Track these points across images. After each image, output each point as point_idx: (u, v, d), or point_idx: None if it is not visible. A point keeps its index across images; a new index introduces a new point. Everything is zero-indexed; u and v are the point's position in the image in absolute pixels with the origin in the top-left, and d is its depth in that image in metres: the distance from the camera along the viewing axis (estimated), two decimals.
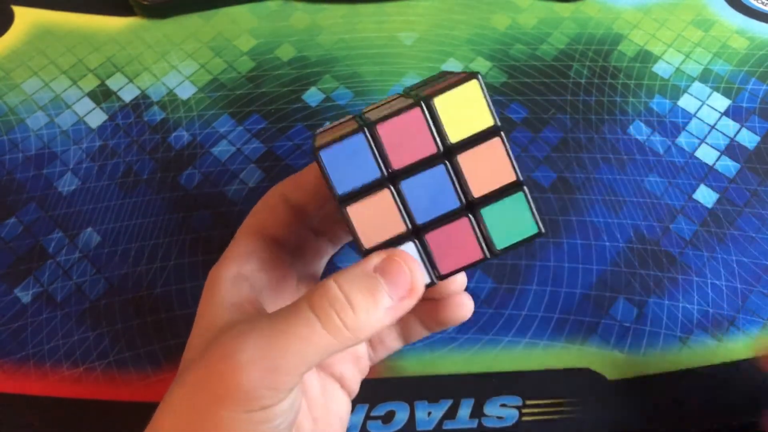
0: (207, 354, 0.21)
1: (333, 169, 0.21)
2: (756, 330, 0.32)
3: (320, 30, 0.41)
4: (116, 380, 0.31)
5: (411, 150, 0.21)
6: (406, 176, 0.22)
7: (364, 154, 0.21)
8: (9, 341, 0.31)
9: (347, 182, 0.21)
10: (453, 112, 0.21)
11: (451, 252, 0.22)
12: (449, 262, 0.22)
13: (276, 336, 0.20)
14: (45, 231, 0.34)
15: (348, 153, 0.21)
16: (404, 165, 0.21)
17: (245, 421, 0.20)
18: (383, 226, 0.22)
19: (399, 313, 0.21)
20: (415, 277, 0.21)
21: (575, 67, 0.40)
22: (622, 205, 0.35)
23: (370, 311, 0.21)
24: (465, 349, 0.32)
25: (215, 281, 0.25)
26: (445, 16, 0.42)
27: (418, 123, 0.21)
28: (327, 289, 0.21)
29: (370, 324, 0.21)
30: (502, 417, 0.30)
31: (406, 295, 0.21)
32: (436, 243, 0.22)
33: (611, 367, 0.31)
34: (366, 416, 0.30)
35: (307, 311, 0.20)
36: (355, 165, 0.21)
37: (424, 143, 0.21)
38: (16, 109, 0.38)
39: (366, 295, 0.21)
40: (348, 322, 0.20)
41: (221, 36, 0.41)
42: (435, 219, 0.22)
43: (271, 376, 0.20)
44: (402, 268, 0.21)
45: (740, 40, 0.41)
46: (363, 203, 0.21)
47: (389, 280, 0.21)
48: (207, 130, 0.37)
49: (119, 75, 0.39)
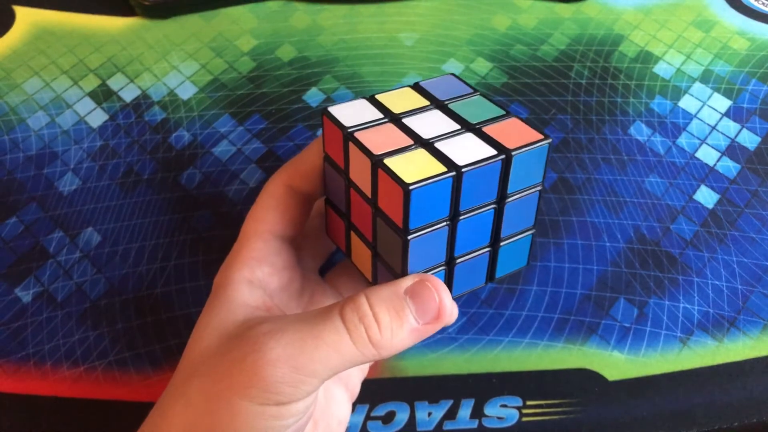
0: (232, 348, 0.22)
1: (415, 207, 0.21)
2: (756, 331, 0.32)
3: (321, 30, 0.41)
4: (117, 380, 0.31)
5: (478, 194, 0.22)
6: (464, 217, 0.22)
7: (445, 196, 0.21)
8: (9, 341, 0.31)
9: (420, 218, 0.21)
10: (519, 167, 0.22)
11: (464, 278, 0.24)
12: (460, 286, 0.24)
13: (306, 340, 0.21)
14: (45, 231, 0.34)
15: (433, 193, 0.21)
16: (468, 207, 0.22)
17: (258, 414, 0.20)
18: (428, 257, 0.23)
19: (423, 336, 0.22)
20: (444, 304, 0.22)
21: (576, 68, 0.40)
22: (623, 206, 0.35)
23: (395, 331, 0.21)
24: (465, 350, 0.31)
25: (226, 282, 0.24)
26: (446, 17, 0.42)
27: (494, 173, 0.22)
28: (359, 304, 0.21)
29: (393, 344, 0.22)
30: (502, 417, 0.30)
31: (432, 321, 0.22)
32: (459, 272, 0.24)
33: (611, 367, 0.31)
34: (366, 416, 0.30)
35: (337, 321, 0.21)
36: (434, 203, 0.21)
37: (491, 190, 0.22)
38: (17, 109, 0.38)
39: (393, 316, 0.21)
40: (374, 338, 0.21)
41: (222, 36, 0.41)
42: (468, 252, 0.24)
43: (295, 375, 0.20)
44: (432, 294, 0.22)
45: (741, 41, 0.41)
46: (423, 236, 0.22)
47: (418, 303, 0.22)
48: (208, 130, 0.37)
49: (120, 75, 0.39)
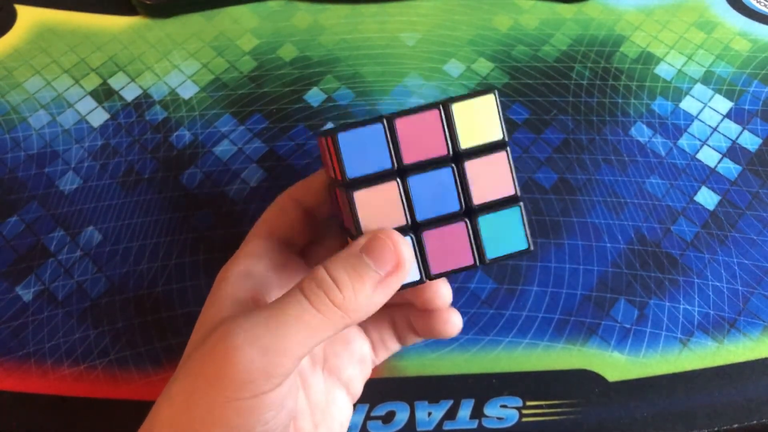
0: (204, 343, 0.21)
1: (347, 153, 0.22)
2: (757, 332, 0.32)
3: (322, 30, 0.41)
4: (117, 379, 0.31)
5: (424, 148, 0.22)
6: (415, 172, 0.22)
7: (380, 143, 0.22)
8: (10, 339, 0.31)
9: (359, 168, 0.22)
10: (468, 120, 0.22)
11: (444, 254, 0.23)
12: (441, 262, 0.23)
13: (269, 319, 0.20)
14: (46, 229, 0.34)
15: (364, 140, 0.22)
16: (415, 161, 0.22)
17: (235, 409, 0.20)
18: (384, 217, 0.22)
19: (388, 289, 0.21)
20: (400, 251, 0.21)
21: (577, 69, 0.40)
22: (624, 207, 0.35)
23: (357, 288, 0.21)
24: (465, 350, 0.32)
25: (222, 278, 0.25)
26: (447, 17, 0.42)
27: (435, 124, 0.22)
28: (315, 272, 0.21)
29: (359, 302, 0.21)
30: (502, 418, 0.30)
31: (393, 270, 0.21)
32: (432, 242, 0.23)
33: (612, 368, 0.31)
34: (366, 416, 0.30)
35: (297, 294, 0.21)
36: (369, 153, 0.22)
37: (437, 144, 0.22)
38: (19, 108, 0.38)
39: (351, 274, 0.21)
40: (336, 300, 0.21)
41: (223, 36, 0.41)
42: (434, 218, 0.23)
43: (265, 357, 0.20)
44: (387, 244, 0.21)
45: (743, 43, 0.41)
46: (370, 191, 0.22)
47: (374, 257, 0.21)
48: (209, 129, 0.37)
49: (121, 74, 0.39)
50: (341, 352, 0.27)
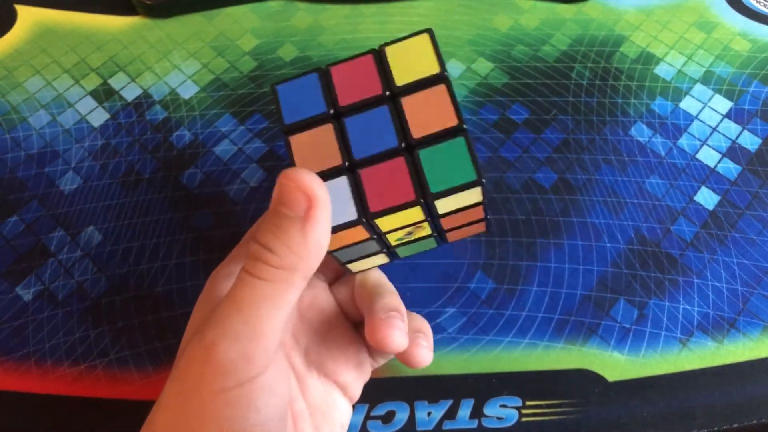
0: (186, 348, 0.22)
1: (285, 103, 0.23)
2: (756, 332, 0.32)
3: (322, 30, 0.41)
4: (117, 379, 0.31)
5: (359, 91, 0.23)
6: (351, 114, 0.23)
7: (315, 90, 0.23)
8: (10, 339, 0.31)
9: (296, 115, 0.23)
10: (403, 60, 0.23)
11: (384, 191, 0.22)
12: (380, 200, 0.22)
13: (229, 307, 0.21)
14: (47, 229, 0.34)
15: (301, 89, 0.23)
16: (350, 103, 0.23)
17: (225, 401, 0.20)
18: (321, 158, 0.22)
19: (317, 227, 0.21)
20: (306, 185, 0.20)
21: (577, 69, 0.40)
22: (623, 207, 0.35)
23: (286, 239, 0.21)
24: (465, 350, 0.32)
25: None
26: (447, 17, 0.42)
27: (369, 67, 0.23)
28: (250, 249, 0.21)
29: (294, 253, 0.21)
30: (501, 417, 0.30)
31: (310, 206, 0.20)
32: (370, 180, 0.22)
33: (611, 368, 0.31)
34: (366, 416, 0.30)
35: (243, 275, 0.21)
36: (306, 100, 0.23)
37: (372, 85, 0.23)
38: (19, 108, 0.38)
39: (276, 231, 0.21)
40: (275, 263, 0.21)
41: (223, 36, 0.41)
42: (371, 156, 0.22)
43: (239, 343, 0.20)
44: (289, 185, 0.21)
45: (742, 43, 0.41)
46: (305, 134, 0.23)
47: (286, 203, 0.21)
48: (209, 129, 0.37)
49: (121, 74, 0.39)
50: (338, 356, 0.27)
